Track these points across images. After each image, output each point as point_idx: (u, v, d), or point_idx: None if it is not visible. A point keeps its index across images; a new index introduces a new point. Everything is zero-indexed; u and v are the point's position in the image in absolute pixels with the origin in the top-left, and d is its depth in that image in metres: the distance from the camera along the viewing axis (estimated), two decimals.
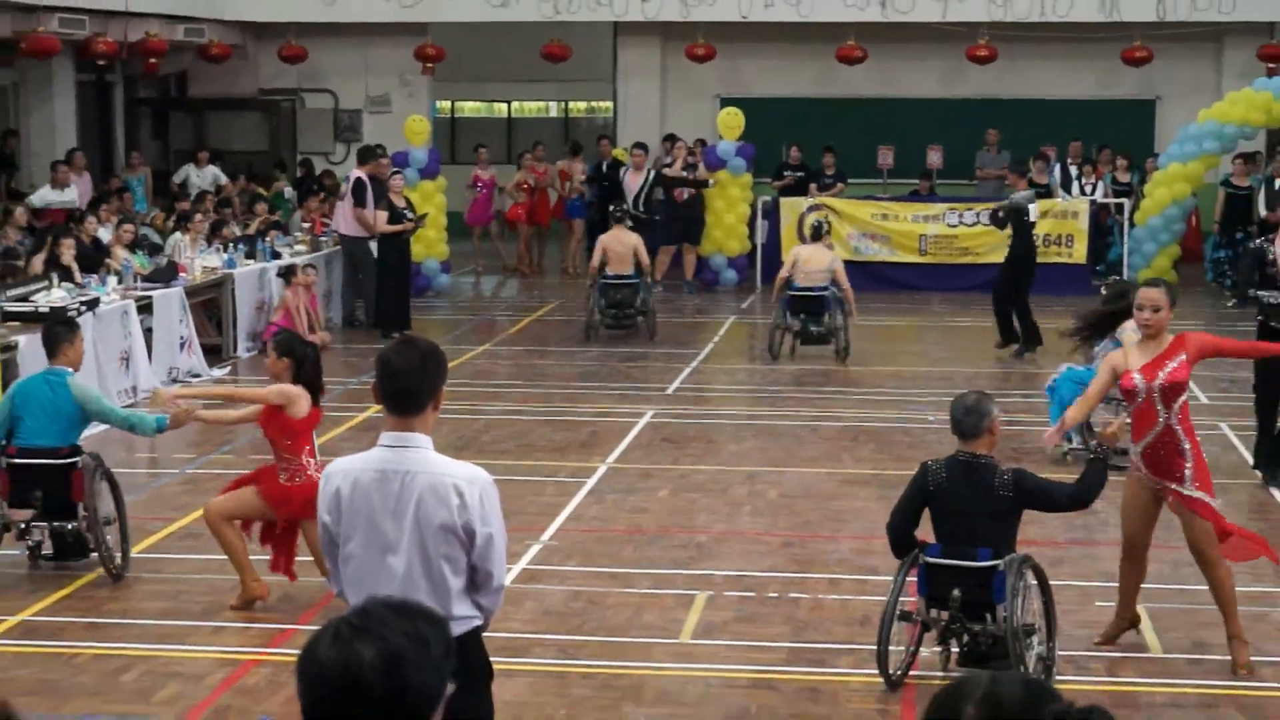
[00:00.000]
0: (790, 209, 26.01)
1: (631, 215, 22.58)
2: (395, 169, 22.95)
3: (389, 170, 22.61)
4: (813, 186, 26.93)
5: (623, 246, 21.07)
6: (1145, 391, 9.20)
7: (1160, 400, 9.19)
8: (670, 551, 11.82)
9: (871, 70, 28.55)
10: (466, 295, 26.16)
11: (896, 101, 29.60)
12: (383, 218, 21.48)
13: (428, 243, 24.63)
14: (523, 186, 27.74)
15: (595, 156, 28.06)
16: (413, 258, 22.86)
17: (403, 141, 25.19)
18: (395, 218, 21.53)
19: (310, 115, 30.90)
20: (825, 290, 19.21)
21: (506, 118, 35.89)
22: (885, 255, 25.56)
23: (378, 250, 21.73)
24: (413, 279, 22.98)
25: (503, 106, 35.93)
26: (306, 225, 23.88)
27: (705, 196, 25.90)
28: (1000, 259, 20.99)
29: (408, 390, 5.91)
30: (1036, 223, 20.81)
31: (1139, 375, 9.21)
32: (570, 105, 35.81)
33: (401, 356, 5.95)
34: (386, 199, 21.62)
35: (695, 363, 19.68)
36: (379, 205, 21.61)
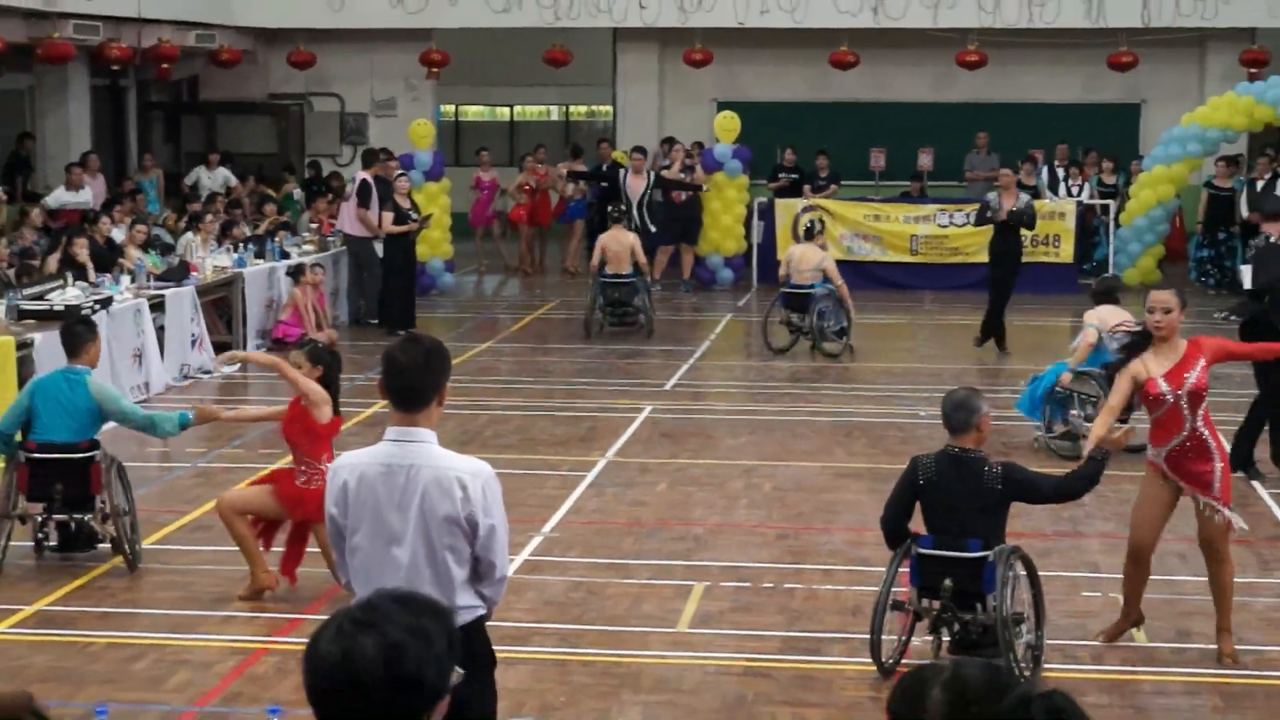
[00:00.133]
0: (785, 210, 25.98)
1: (636, 223, 22.62)
2: (400, 171, 22.93)
3: (395, 172, 22.60)
4: (807, 188, 26.90)
5: (621, 246, 21.08)
6: (1172, 398, 9.06)
7: (1187, 406, 9.06)
8: (668, 543, 11.81)
9: (864, 75, 28.52)
10: (470, 294, 26.15)
11: (888, 105, 29.59)
12: (389, 219, 21.48)
13: (432, 243, 24.61)
14: (524, 188, 27.74)
15: (595, 159, 28.05)
16: (418, 257, 22.87)
17: (408, 144, 25.17)
18: (401, 218, 21.52)
19: (318, 119, 30.88)
20: (812, 288, 19.42)
21: (509, 121, 35.87)
22: (877, 255, 25.54)
23: (384, 250, 21.74)
24: (418, 278, 22.97)
25: (505, 110, 35.91)
26: (314, 226, 23.88)
27: (702, 198, 25.90)
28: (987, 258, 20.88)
29: (413, 386, 5.91)
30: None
31: (1164, 382, 9.07)
32: (571, 109, 35.79)
33: (407, 354, 5.94)
34: (392, 200, 21.62)
35: (692, 359, 19.67)
36: (385, 207, 21.60)
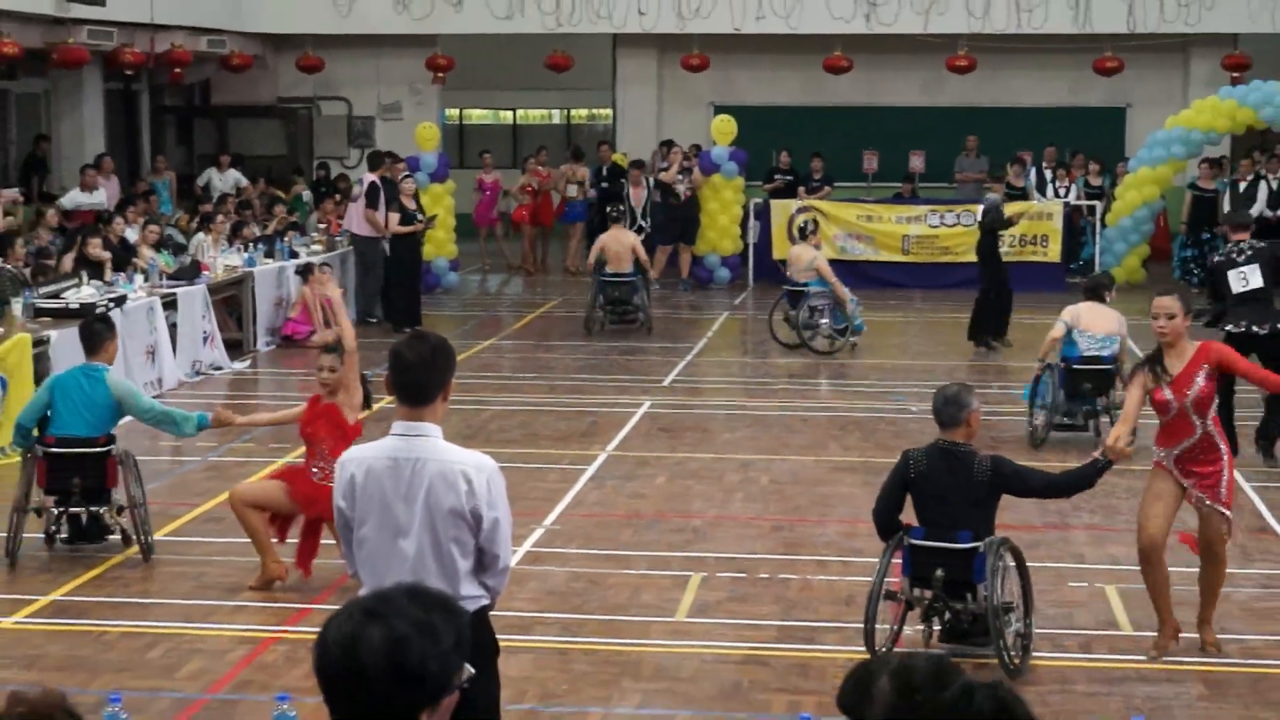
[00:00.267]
0: (780, 211, 25.97)
1: (641, 227, 22.69)
2: (406, 173, 22.92)
3: (401, 174, 22.58)
4: (801, 189, 26.90)
5: (621, 246, 21.08)
6: (1177, 406, 8.93)
7: (1194, 411, 8.92)
8: (667, 535, 11.81)
9: (857, 79, 28.52)
10: (473, 292, 26.14)
11: (880, 109, 29.59)
12: (395, 219, 21.47)
13: (437, 243, 24.61)
14: (526, 190, 27.73)
15: (596, 161, 28.04)
16: (423, 257, 22.86)
17: (413, 147, 25.15)
18: (407, 219, 21.52)
19: (326, 122, 30.87)
20: (804, 286, 19.56)
21: (512, 124, 35.85)
22: (870, 255, 25.53)
23: (390, 250, 21.73)
24: (423, 277, 22.96)
25: (508, 114, 35.88)
26: (323, 226, 23.86)
27: (700, 199, 25.91)
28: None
29: (418, 382, 5.91)
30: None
31: (1169, 390, 8.93)
32: (572, 112, 35.77)
33: (413, 350, 5.94)
34: (398, 201, 21.60)
35: (691, 356, 19.66)
36: (391, 208, 21.59)
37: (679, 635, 9.63)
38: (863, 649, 8.97)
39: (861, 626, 9.00)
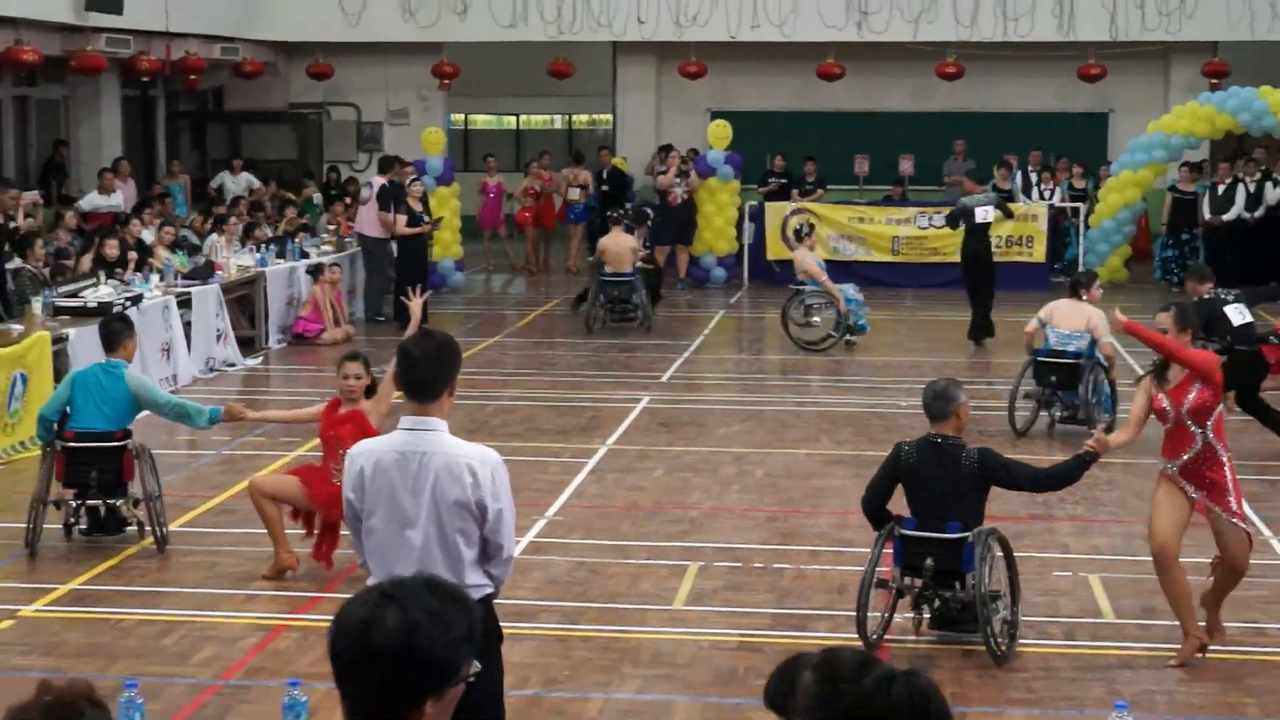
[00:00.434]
0: (774, 213, 25.96)
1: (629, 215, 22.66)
2: (414, 176, 22.90)
3: (408, 177, 22.57)
4: (795, 192, 26.87)
5: (620, 247, 21.08)
6: (1174, 415, 8.80)
7: (1192, 421, 8.76)
8: (665, 526, 11.80)
9: (849, 86, 28.50)
10: (478, 292, 26.11)
11: (872, 114, 29.56)
12: (402, 221, 21.47)
13: (443, 244, 24.59)
14: (529, 192, 27.72)
15: (596, 165, 28.03)
16: (431, 257, 22.83)
17: (420, 151, 25.13)
18: (414, 221, 21.51)
19: (335, 127, 30.85)
20: (803, 285, 19.65)
21: (515, 129, 35.82)
22: (861, 255, 25.51)
23: (398, 250, 21.72)
24: (430, 276, 22.93)
25: (511, 119, 35.85)
26: (333, 227, 23.85)
27: (697, 201, 25.90)
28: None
29: (426, 379, 5.90)
30: (989, 224, 20.28)
31: (1166, 399, 8.82)
32: (573, 118, 35.74)
33: (420, 348, 5.94)
34: (406, 204, 21.60)
35: (688, 353, 19.65)
36: (398, 210, 21.59)
37: (676, 623, 9.62)
38: (855, 635, 8.97)
39: (853, 614, 9.00)
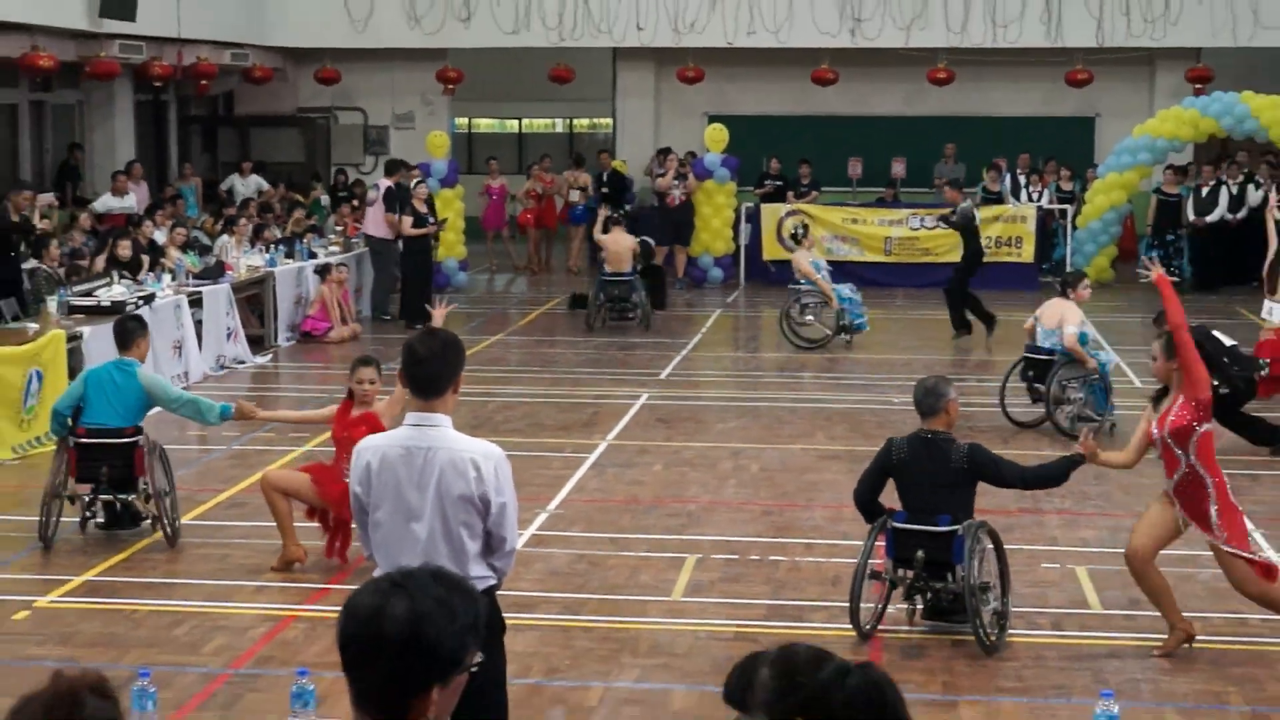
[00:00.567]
0: (770, 214, 25.96)
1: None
2: (419, 178, 22.89)
3: (414, 180, 22.56)
4: (790, 194, 26.86)
5: (621, 247, 21.07)
6: (1159, 437, 8.76)
7: (1174, 442, 8.70)
8: (663, 519, 11.80)
9: (843, 91, 28.48)
10: (482, 291, 26.09)
11: (865, 119, 29.54)
12: (408, 222, 21.45)
13: (447, 244, 24.57)
14: (531, 194, 27.72)
15: (596, 168, 28.02)
16: (436, 257, 22.82)
17: (425, 154, 25.11)
18: (419, 222, 21.50)
19: (343, 131, 30.82)
20: (800, 286, 19.71)
21: (517, 133, 35.82)
22: (855, 255, 25.50)
23: (404, 251, 21.71)
24: (434, 276, 22.92)
25: (514, 123, 35.86)
26: (340, 228, 23.84)
27: (694, 203, 25.90)
28: (956, 258, 20.92)
29: (431, 375, 5.89)
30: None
31: (1154, 424, 8.80)
32: (574, 122, 35.74)
33: (425, 345, 5.93)
34: (411, 205, 21.58)
35: (686, 351, 19.64)
36: (404, 211, 21.58)
37: (675, 614, 9.62)
38: (849, 626, 8.97)
39: (847, 605, 9.00)
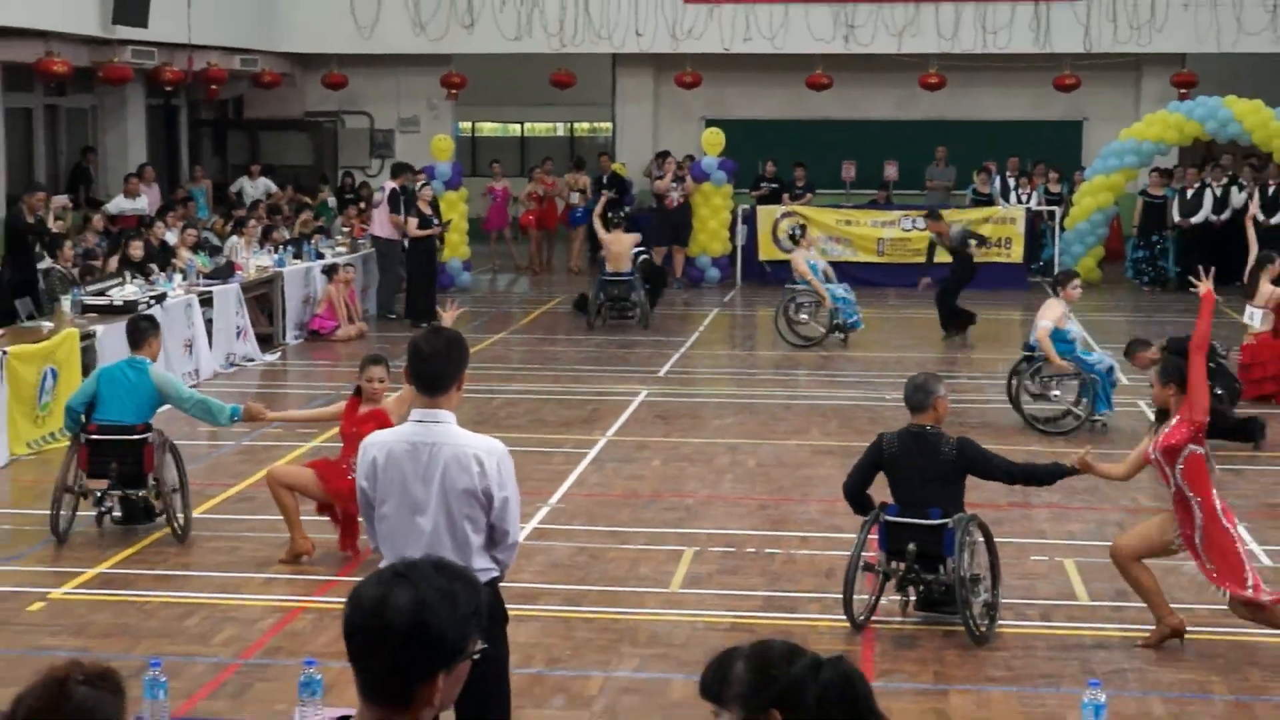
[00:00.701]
0: (765, 216, 25.95)
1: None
2: (424, 181, 22.88)
3: (419, 182, 22.55)
4: (785, 196, 26.86)
5: (621, 247, 21.06)
6: (1155, 456, 8.73)
7: (1164, 460, 8.66)
8: (662, 513, 11.79)
9: (836, 95, 28.48)
10: (485, 291, 26.07)
11: (858, 123, 29.54)
12: (413, 223, 21.43)
13: (451, 245, 24.54)
14: (533, 196, 27.71)
15: (596, 171, 28.01)
16: (440, 258, 22.81)
17: (429, 157, 25.11)
18: (424, 223, 21.49)
19: (349, 134, 30.81)
20: (796, 286, 19.74)
21: (520, 136, 35.82)
22: (848, 256, 25.49)
23: (409, 251, 21.70)
24: (439, 276, 22.92)
25: (516, 127, 35.85)
26: (347, 230, 23.82)
27: (692, 205, 25.89)
28: (947, 259, 20.87)
29: (435, 373, 5.89)
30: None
31: (1152, 443, 8.76)
32: (575, 126, 35.74)
33: (430, 344, 5.93)
34: (416, 207, 21.58)
35: (684, 349, 19.63)
36: (409, 213, 21.56)
37: (673, 605, 9.62)
38: (842, 617, 8.97)
39: (841, 596, 8.99)
